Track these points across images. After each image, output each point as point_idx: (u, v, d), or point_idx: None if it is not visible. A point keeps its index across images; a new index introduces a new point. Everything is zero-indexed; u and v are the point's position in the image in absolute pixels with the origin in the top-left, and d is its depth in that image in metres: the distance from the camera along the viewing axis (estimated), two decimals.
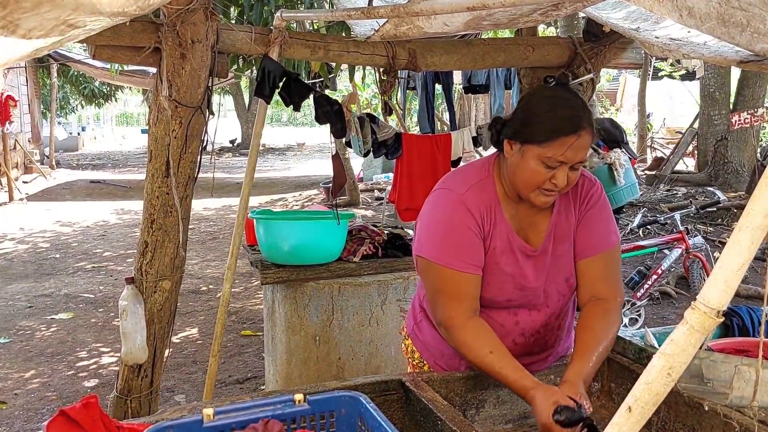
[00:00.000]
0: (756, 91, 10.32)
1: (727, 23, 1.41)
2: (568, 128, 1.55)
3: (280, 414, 1.18)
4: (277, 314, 3.45)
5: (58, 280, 7.01)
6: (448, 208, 1.70)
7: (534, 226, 1.75)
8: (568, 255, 1.77)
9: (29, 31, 1.00)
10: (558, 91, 1.67)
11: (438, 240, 1.69)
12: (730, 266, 0.88)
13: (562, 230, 1.75)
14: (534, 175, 1.59)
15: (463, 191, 1.70)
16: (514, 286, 1.73)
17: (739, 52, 1.85)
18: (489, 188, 1.72)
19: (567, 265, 1.77)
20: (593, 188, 1.79)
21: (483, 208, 1.69)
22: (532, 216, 1.74)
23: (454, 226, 1.67)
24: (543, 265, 1.74)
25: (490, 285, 1.72)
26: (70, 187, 14.11)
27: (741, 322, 2.18)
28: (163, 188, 2.72)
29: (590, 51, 3.32)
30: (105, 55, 2.61)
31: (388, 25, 2.46)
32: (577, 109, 1.58)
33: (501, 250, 1.70)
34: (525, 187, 1.63)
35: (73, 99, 22.77)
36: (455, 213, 1.68)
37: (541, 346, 1.84)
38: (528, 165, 1.59)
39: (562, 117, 1.56)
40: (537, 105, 1.62)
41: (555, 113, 1.57)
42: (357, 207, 9.95)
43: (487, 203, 1.70)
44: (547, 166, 1.57)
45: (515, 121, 1.64)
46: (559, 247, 1.75)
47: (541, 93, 1.70)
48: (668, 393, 0.93)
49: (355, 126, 3.10)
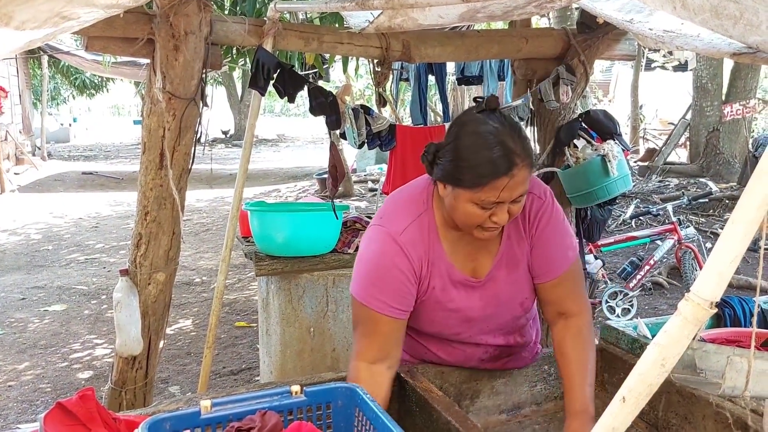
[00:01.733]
0: (748, 83, 10.36)
1: (720, 15, 1.42)
2: (498, 171, 1.42)
3: (277, 405, 1.18)
4: (271, 306, 3.46)
5: (51, 271, 6.98)
6: (381, 248, 1.60)
7: (480, 255, 1.65)
8: (521, 280, 1.68)
9: (23, 22, 0.99)
10: (485, 125, 1.48)
11: (365, 279, 1.61)
12: (723, 258, 0.89)
13: (513, 256, 1.65)
14: (470, 217, 1.50)
15: (400, 230, 1.59)
16: (460, 320, 1.67)
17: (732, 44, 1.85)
18: (427, 223, 1.61)
19: (521, 290, 1.69)
20: (542, 206, 1.65)
21: (420, 249, 1.59)
22: (477, 244, 1.63)
23: (384, 268, 1.58)
24: (492, 294, 1.66)
25: (434, 322, 1.68)
26: (62, 178, 14.04)
27: (733, 312, 2.20)
28: (157, 180, 2.72)
29: (584, 43, 3.32)
30: (98, 47, 2.59)
31: (383, 17, 2.45)
32: (506, 145, 1.44)
33: (441, 288, 1.63)
34: (465, 226, 1.55)
35: (64, 90, 22.61)
36: (387, 254, 1.58)
37: (509, 351, 1.81)
38: (463, 208, 1.49)
39: (489, 159, 1.43)
40: (464, 145, 1.47)
41: (482, 155, 1.43)
42: (350, 198, 9.95)
43: (425, 242, 1.60)
44: (483, 208, 1.48)
45: (444, 160, 1.51)
46: (512, 275, 1.66)
47: (468, 128, 1.50)
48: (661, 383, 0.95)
49: (349, 117, 3.10)
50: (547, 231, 1.65)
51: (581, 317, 1.68)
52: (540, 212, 1.64)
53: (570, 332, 1.66)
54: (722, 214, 8.31)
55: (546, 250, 1.65)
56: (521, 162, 1.44)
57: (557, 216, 1.66)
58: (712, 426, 1.51)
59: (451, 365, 1.79)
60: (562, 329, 1.68)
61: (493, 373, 1.80)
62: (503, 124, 1.49)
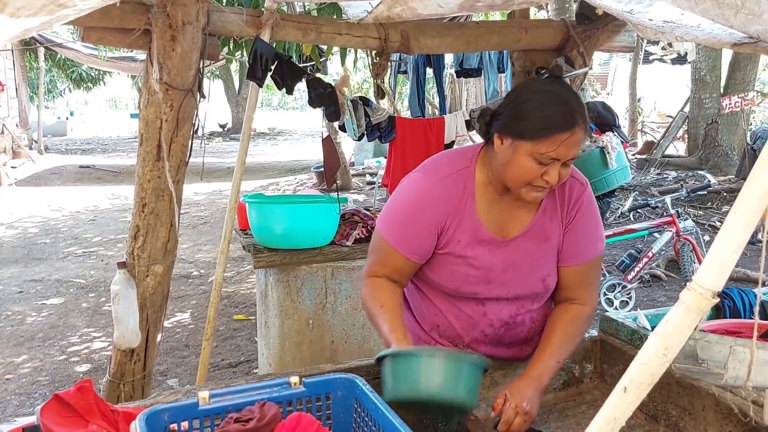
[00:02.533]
0: (747, 75, 10.35)
1: (721, 5, 1.41)
2: (561, 124, 1.50)
3: (277, 397, 1.18)
4: (270, 298, 3.45)
5: (49, 265, 6.97)
6: (413, 194, 1.70)
7: (513, 220, 1.70)
8: (548, 256, 1.72)
9: (18, 9, 0.98)
10: (551, 85, 1.60)
11: (392, 217, 1.72)
12: (725, 248, 0.89)
13: (543, 230, 1.70)
14: (525, 171, 1.55)
15: (435, 181, 1.68)
16: (480, 279, 1.70)
17: (733, 34, 1.84)
18: (465, 180, 1.68)
19: (545, 265, 1.73)
20: (583, 193, 1.73)
21: (450, 203, 1.66)
22: (513, 210, 1.69)
23: (410, 214, 1.68)
24: (514, 259, 1.70)
25: (454, 277, 1.71)
26: (59, 172, 14.01)
27: (732, 304, 2.20)
28: (155, 172, 2.70)
29: (583, 34, 3.31)
30: (94, 37, 2.58)
31: (382, 6, 2.44)
32: (571, 104, 1.53)
33: (466, 243, 1.67)
34: (515, 182, 1.59)
35: (60, 83, 22.51)
36: (418, 201, 1.67)
37: (512, 338, 1.80)
38: (519, 161, 1.55)
39: (555, 113, 1.51)
40: (529, 99, 1.56)
41: (548, 109, 1.52)
42: (349, 191, 9.94)
43: (458, 197, 1.66)
44: (539, 162, 1.53)
45: (505, 114, 1.59)
46: (538, 248, 1.70)
47: (534, 86, 1.63)
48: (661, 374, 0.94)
49: (348, 109, 3.09)
50: (584, 217, 1.72)
51: (586, 307, 1.74)
52: (581, 198, 1.72)
53: (569, 314, 1.73)
54: (720, 206, 8.32)
55: (579, 236, 1.72)
56: (581, 122, 1.53)
57: (594, 206, 1.75)
58: (712, 417, 1.51)
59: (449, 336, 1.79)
60: (563, 309, 1.76)
61: (492, 365, 1.79)
62: (567, 88, 1.61)
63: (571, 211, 1.71)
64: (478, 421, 1.39)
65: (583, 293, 1.75)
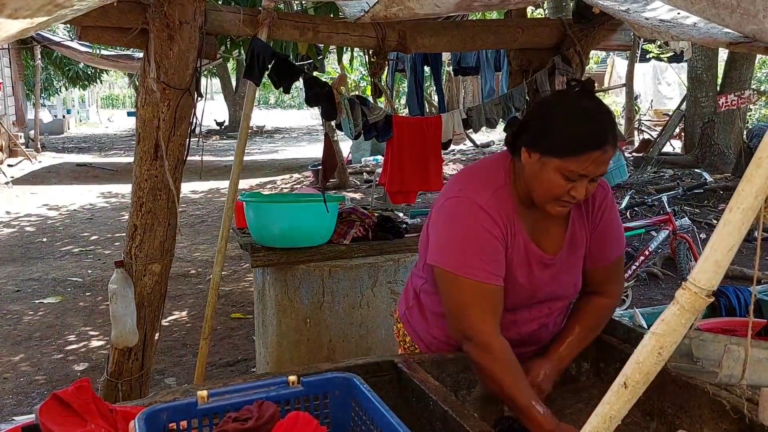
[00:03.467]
0: (743, 73, 10.36)
1: (716, 4, 1.42)
2: (593, 143, 1.48)
3: (275, 396, 1.18)
4: (267, 297, 3.46)
5: (46, 264, 6.96)
6: (470, 215, 1.61)
7: (548, 234, 1.69)
8: (578, 263, 1.75)
9: (16, 10, 0.98)
10: (583, 101, 1.57)
11: (460, 249, 1.60)
12: (721, 247, 0.89)
13: (576, 240, 1.72)
14: (553, 187, 1.54)
15: (485, 200, 1.61)
16: (526, 295, 1.69)
17: (729, 33, 1.85)
18: (508, 197, 1.64)
19: (577, 273, 1.76)
20: (606, 197, 1.76)
21: (505, 217, 1.62)
22: (545, 222, 1.68)
23: (478, 234, 1.59)
24: (557, 273, 1.71)
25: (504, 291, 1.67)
26: (56, 170, 13.97)
27: (728, 302, 2.21)
28: (152, 171, 2.70)
29: (580, 33, 3.32)
30: (91, 36, 2.58)
31: (379, 6, 2.44)
32: (603, 122, 1.52)
33: (517, 263, 1.65)
34: (542, 197, 1.58)
35: (56, 81, 22.45)
36: (477, 220, 1.59)
37: (535, 341, 1.82)
38: (547, 176, 1.53)
39: (586, 131, 1.50)
40: (561, 115, 1.54)
41: (580, 126, 1.50)
42: (346, 190, 9.94)
43: (508, 213, 1.63)
44: (567, 179, 1.52)
45: (534, 128, 1.57)
46: (572, 257, 1.72)
47: (565, 101, 1.61)
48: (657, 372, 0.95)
49: (345, 108, 3.09)
50: (608, 220, 1.75)
51: (611, 300, 1.80)
52: (604, 201, 1.75)
53: (594, 305, 1.79)
54: (717, 204, 8.33)
55: (605, 238, 1.75)
56: (612, 141, 1.51)
57: (616, 207, 1.79)
58: (708, 415, 1.52)
59: None
60: (589, 300, 1.80)
61: None
62: (599, 104, 1.58)
63: (596, 216, 1.74)
64: (476, 419, 1.39)
65: (609, 288, 1.79)
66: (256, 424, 1.08)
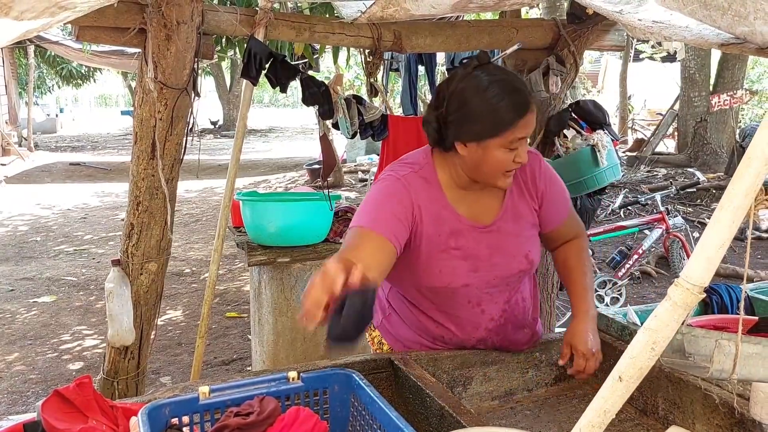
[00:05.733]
0: (735, 73, 10.43)
1: (708, 6, 1.44)
2: (522, 108, 1.57)
3: (275, 391, 1.20)
4: (263, 296, 3.47)
5: (40, 263, 6.95)
6: (381, 187, 1.71)
7: (484, 208, 1.75)
8: (526, 233, 1.79)
9: (22, 13, 0.99)
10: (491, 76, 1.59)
11: (363, 210, 1.68)
12: (712, 244, 0.91)
13: (517, 210, 1.78)
14: (500, 162, 1.61)
15: (401, 175, 1.71)
16: (469, 268, 1.72)
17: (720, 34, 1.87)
18: (429, 175, 1.72)
19: (526, 243, 1.79)
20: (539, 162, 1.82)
21: (421, 193, 1.69)
22: (481, 199, 1.75)
23: (382, 199, 1.67)
24: (497, 243, 1.74)
25: (442, 272, 1.71)
26: (50, 169, 13.94)
27: (720, 300, 2.24)
28: (149, 170, 2.71)
29: (574, 33, 3.34)
30: (88, 36, 2.58)
31: (375, 7, 2.46)
32: (519, 84, 1.61)
33: (448, 235, 1.70)
34: (492, 175, 1.65)
35: (49, 79, 22.36)
36: (387, 189, 1.69)
37: (514, 324, 1.84)
38: (493, 156, 1.60)
39: (513, 101, 1.57)
40: (480, 99, 1.57)
41: (505, 100, 1.56)
42: (341, 188, 9.95)
43: (427, 190, 1.70)
44: (510, 149, 1.60)
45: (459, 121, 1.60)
46: (516, 227, 1.77)
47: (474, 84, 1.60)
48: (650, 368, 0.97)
49: (342, 107, 3.10)
50: (551, 183, 1.82)
51: (581, 238, 1.91)
52: (539, 168, 1.81)
53: (573, 249, 1.88)
54: (710, 203, 8.39)
55: (554, 200, 1.83)
56: (531, 98, 1.61)
57: (550, 169, 1.85)
58: (700, 410, 1.55)
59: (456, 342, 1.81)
60: (565, 248, 1.90)
61: (485, 360, 1.82)
62: (505, 72, 1.65)
63: (538, 184, 1.80)
64: (473, 415, 1.41)
65: (573, 232, 1.90)
66: (258, 419, 1.09)
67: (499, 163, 1.61)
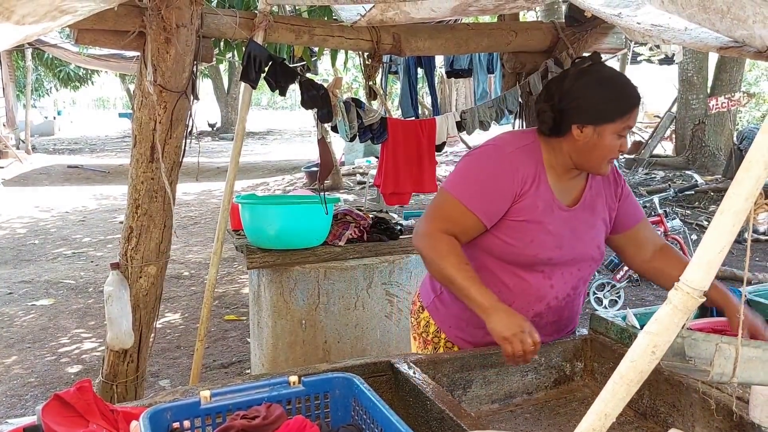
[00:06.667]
0: (733, 76, 10.46)
1: (707, 10, 1.44)
2: (635, 98, 1.78)
3: (276, 396, 1.20)
4: (262, 298, 3.47)
5: (38, 266, 6.94)
6: (491, 160, 1.83)
7: (567, 189, 1.89)
8: (598, 226, 1.92)
9: (23, 17, 1.00)
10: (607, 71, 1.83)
11: (468, 182, 1.81)
12: (712, 248, 0.92)
13: (593, 203, 1.91)
14: (611, 149, 1.77)
15: (511, 150, 1.83)
16: (555, 244, 1.83)
17: (719, 38, 1.88)
18: (536, 152, 1.85)
19: (597, 235, 1.92)
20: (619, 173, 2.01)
21: (528, 169, 1.81)
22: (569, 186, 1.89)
23: (488, 175, 1.80)
24: (575, 225, 1.87)
25: (533, 242, 1.81)
26: (48, 172, 13.93)
27: None
28: (148, 173, 2.72)
29: (572, 36, 3.35)
30: (88, 39, 2.59)
31: (375, 10, 2.46)
32: (628, 81, 1.80)
33: (543, 210, 1.82)
34: (600, 162, 1.80)
35: (47, 82, 22.34)
36: (496, 165, 1.81)
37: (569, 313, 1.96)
38: (606, 142, 1.76)
39: (627, 92, 1.77)
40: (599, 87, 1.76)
41: (620, 90, 1.77)
42: (339, 191, 9.96)
43: (534, 165, 1.83)
44: (620, 136, 1.77)
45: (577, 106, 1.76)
46: (591, 217, 1.90)
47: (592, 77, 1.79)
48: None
49: (341, 110, 3.11)
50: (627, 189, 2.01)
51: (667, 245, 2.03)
52: (620, 176, 2.01)
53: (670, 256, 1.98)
54: (707, 206, 8.40)
55: (631, 200, 2.01)
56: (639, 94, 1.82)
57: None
58: (700, 413, 1.55)
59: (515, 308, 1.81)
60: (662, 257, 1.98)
61: (485, 363, 1.82)
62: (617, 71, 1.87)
63: (619, 184, 1.98)
64: (473, 418, 1.41)
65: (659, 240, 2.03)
66: (263, 423, 1.10)
67: (609, 148, 1.77)
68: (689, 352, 1.08)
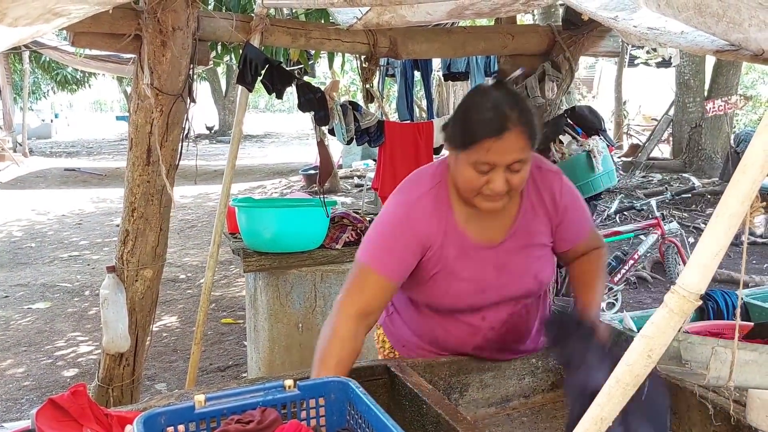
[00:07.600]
0: (730, 79, 10.47)
1: (703, 13, 1.44)
2: (487, 131, 1.49)
3: (271, 400, 1.19)
4: (259, 302, 3.46)
5: (34, 269, 6.92)
6: (394, 213, 1.69)
7: (494, 226, 1.70)
8: (537, 254, 1.74)
9: (16, 19, 0.99)
10: (488, 91, 1.57)
11: (373, 241, 1.68)
12: (708, 251, 0.91)
13: (529, 230, 1.72)
14: (468, 180, 1.56)
15: (414, 198, 1.67)
16: (475, 290, 1.71)
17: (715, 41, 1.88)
18: (441, 195, 1.68)
19: (535, 263, 1.75)
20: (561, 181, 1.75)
21: (432, 220, 1.65)
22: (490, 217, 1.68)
23: (393, 231, 1.65)
24: (504, 262, 1.71)
25: (448, 294, 1.71)
26: (44, 175, 13.90)
27: (716, 305, 2.24)
28: (144, 176, 2.71)
29: (569, 39, 3.36)
30: (84, 42, 2.58)
31: (371, 13, 2.46)
32: (500, 109, 1.49)
33: (455, 257, 1.67)
34: (465, 191, 1.60)
35: (44, 85, 22.32)
36: (400, 218, 1.66)
37: (515, 336, 1.82)
38: (462, 170, 1.56)
39: (479, 120, 1.51)
40: (464, 108, 1.57)
41: (477, 116, 1.52)
42: (337, 194, 9.95)
43: (438, 213, 1.66)
44: (479, 171, 1.53)
45: (451, 125, 1.61)
46: (526, 247, 1.72)
47: (471, 95, 1.61)
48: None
49: (338, 113, 3.11)
50: (572, 202, 1.76)
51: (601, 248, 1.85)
52: (561, 186, 1.74)
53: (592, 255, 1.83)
54: (705, 209, 8.41)
55: (575, 218, 1.77)
56: (513, 128, 1.49)
57: (572, 188, 1.78)
58: (697, 416, 1.54)
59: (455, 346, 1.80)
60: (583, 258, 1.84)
61: (481, 367, 1.82)
62: (506, 93, 1.56)
63: (558, 203, 1.73)
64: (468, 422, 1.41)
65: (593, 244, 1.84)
66: (258, 427, 1.09)
67: (468, 180, 1.56)
68: (685, 355, 1.08)
